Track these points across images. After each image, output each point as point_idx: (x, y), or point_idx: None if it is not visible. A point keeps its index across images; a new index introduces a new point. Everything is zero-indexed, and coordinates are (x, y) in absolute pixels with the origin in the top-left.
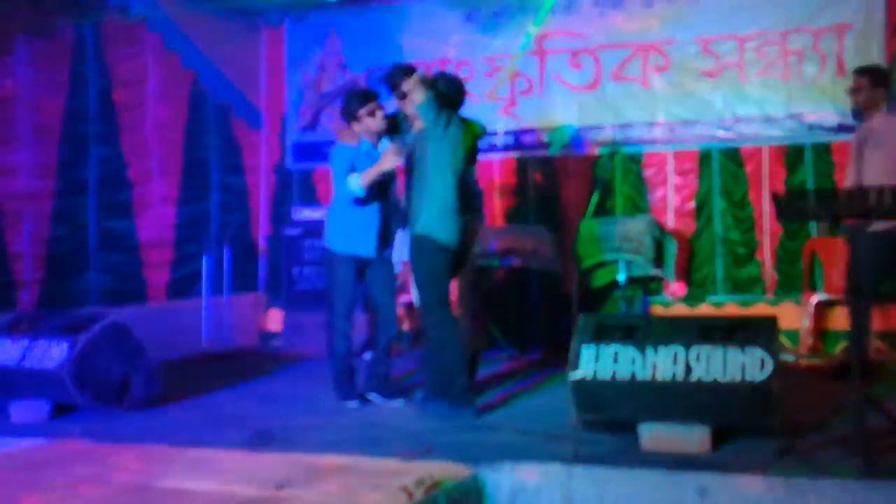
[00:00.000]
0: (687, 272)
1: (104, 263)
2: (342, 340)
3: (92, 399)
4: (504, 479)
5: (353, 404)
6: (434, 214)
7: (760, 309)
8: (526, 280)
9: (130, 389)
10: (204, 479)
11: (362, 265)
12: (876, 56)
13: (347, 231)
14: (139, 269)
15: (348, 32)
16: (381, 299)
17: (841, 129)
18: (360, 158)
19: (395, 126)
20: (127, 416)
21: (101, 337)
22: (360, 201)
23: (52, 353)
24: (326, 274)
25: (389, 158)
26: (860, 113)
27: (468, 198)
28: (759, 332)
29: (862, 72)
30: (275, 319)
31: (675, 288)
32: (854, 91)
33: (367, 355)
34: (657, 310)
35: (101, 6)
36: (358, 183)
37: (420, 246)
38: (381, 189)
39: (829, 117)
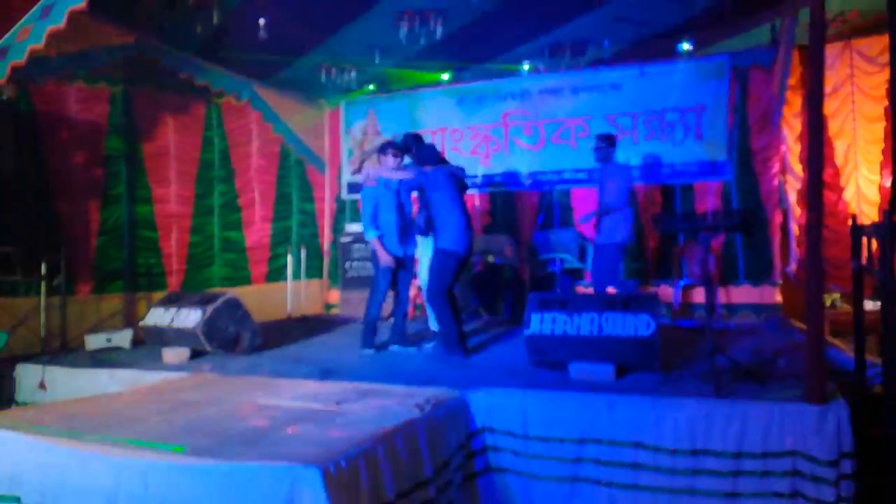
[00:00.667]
0: None
1: (223, 260)
2: (376, 309)
3: (216, 347)
4: (482, 399)
5: (368, 352)
6: (454, 233)
7: (647, 289)
8: (496, 270)
9: (241, 341)
10: (288, 398)
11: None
12: (721, 125)
13: (383, 240)
14: (246, 264)
15: (382, 110)
16: (401, 284)
17: (699, 174)
18: (381, 191)
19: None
20: (238, 358)
21: (222, 307)
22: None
23: (191, 318)
24: (374, 265)
25: (383, 258)
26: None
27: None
28: (645, 304)
29: (601, 137)
30: (334, 296)
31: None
32: (596, 149)
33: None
34: (580, 290)
35: (222, 94)
36: (371, 237)
37: (443, 254)
38: (399, 217)
39: (692, 167)
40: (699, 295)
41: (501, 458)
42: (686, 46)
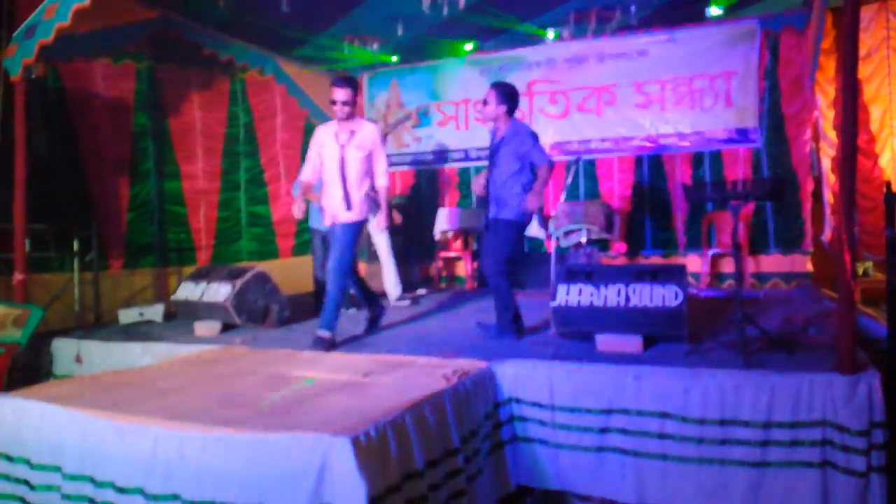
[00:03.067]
0: (626, 236)
1: (251, 234)
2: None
3: (245, 320)
4: (508, 370)
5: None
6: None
7: (675, 259)
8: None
9: (270, 314)
10: (318, 370)
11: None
12: (751, 91)
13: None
14: (273, 238)
15: (404, 82)
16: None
17: (729, 140)
18: None
19: None
20: (267, 331)
21: (251, 281)
22: None
23: (221, 292)
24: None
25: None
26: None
27: None
28: (673, 274)
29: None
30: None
31: (618, 246)
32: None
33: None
34: (606, 260)
35: (246, 68)
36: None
37: (515, 225)
38: None
39: (720, 133)
40: (728, 264)
41: (528, 427)
42: (715, 11)
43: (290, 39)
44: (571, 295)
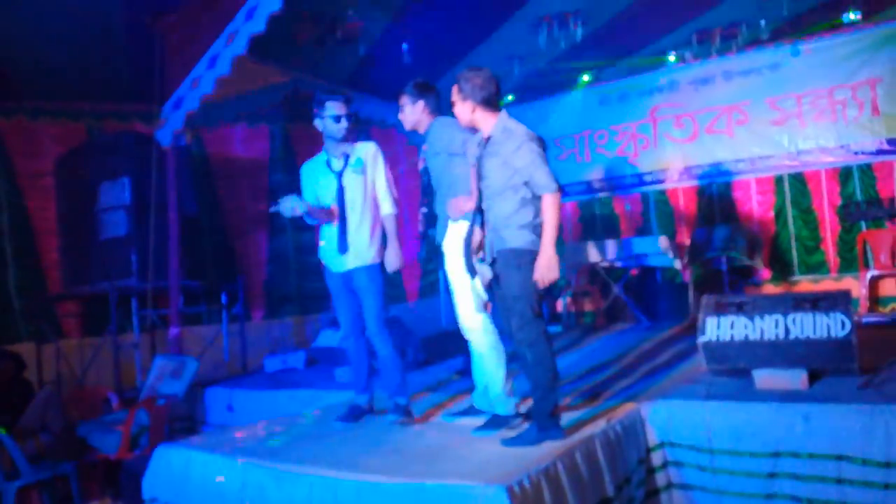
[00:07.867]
0: (770, 261)
1: None
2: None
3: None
4: (660, 411)
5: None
6: None
7: (827, 285)
8: (650, 273)
9: (406, 356)
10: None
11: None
12: None
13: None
14: (400, 282)
15: (522, 119)
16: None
17: (879, 153)
18: None
19: None
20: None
21: None
22: None
23: None
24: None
25: None
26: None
27: None
28: (837, 301)
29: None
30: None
31: (763, 273)
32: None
33: None
34: (751, 290)
35: (369, 121)
36: None
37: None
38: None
39: (869, 145)
40: (889, 286)
41: (686, 473)
42: (853, 16)
43: None
44: (723, 329)
